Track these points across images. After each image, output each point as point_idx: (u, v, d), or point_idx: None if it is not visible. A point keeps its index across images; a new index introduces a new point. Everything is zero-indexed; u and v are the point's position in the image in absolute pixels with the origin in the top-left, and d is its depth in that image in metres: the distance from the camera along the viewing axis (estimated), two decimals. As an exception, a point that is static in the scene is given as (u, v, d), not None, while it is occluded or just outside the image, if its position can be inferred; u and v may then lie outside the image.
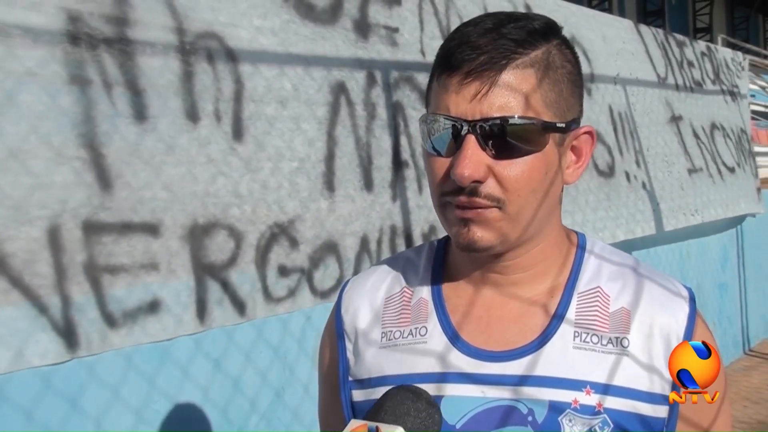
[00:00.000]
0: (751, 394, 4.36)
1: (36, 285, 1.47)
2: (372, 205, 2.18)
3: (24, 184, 1.46)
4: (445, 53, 0.72)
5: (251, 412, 2.00)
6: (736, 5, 21.55)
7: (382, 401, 0.72)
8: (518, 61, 0.69)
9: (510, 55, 0.68)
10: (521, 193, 0.70)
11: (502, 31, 0.69)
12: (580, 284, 0.77)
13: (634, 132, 3.59)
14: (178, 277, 1.71)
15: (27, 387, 1.51)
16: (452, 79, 0.69)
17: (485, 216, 0.70)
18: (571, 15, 3.38)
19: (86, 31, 1.59)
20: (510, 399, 0.72)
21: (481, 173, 0.68)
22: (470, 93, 0.68)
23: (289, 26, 2.03)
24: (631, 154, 3.51)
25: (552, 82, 0.71)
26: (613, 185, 3.32)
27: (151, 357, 1.74)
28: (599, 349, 0.73)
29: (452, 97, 0.69)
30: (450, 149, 0.71)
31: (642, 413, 0.72)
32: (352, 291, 0.86)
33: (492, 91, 0.68)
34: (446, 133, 0.70)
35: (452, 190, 0.71)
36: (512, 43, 0.69)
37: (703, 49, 4.74)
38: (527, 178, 0.70)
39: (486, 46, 0.68)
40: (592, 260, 0.80)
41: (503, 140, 0.68)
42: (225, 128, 1.83)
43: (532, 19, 0.72)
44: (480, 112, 0.68)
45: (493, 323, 0.77)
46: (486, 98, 0.68)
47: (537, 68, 0.70)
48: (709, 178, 4.14)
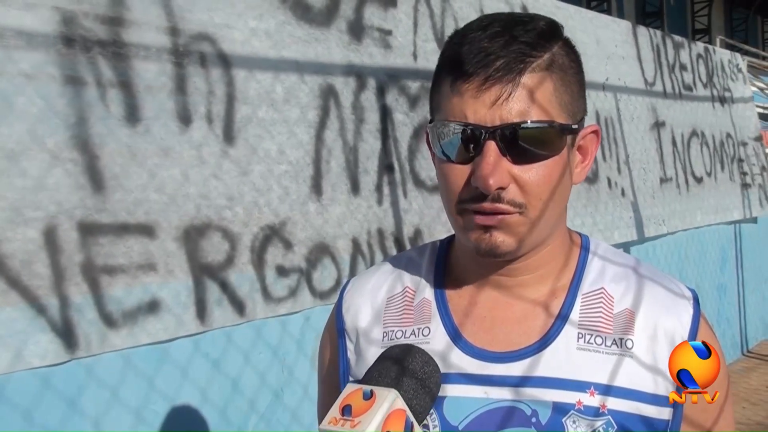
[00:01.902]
0: (750, 396, 4.35)
1: (34, 286, 1.47)
2: (359, 209, 2.18)
3: (18, 185, 1.46)
4: (456, 58, 0.70)
5: (250, 413, 2.00)
6: (735, 6, 21.56)
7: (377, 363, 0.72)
8: (534, 65, 0.68)
9: (526, 59, 0.68)
10: (542, 197, 0.70)
11: (513, 34, 0.68)
12: (584, 285, 0.77)
13: (621, 139, 3.59)
14: (177, 278, 1.71)
15: (26, 387, 1.51)
16: (469, 85, 0.68)
17: (508, 221, 0.70)
18: (569, 17, 3.38)
19: (80, 32, 1.59)
20: (513, 400, 0.72)
21: (505, 180, 0.68)
22: (490, 99, 0.67)
23: (284, 28, 2.04)
24: (613, 160, 3.49)
25: (564, 83, 0.71)
26: (595, 191, 3.31)
27: (150, 358, 1.74)
28: (603, 350, 0.72)
29: (469, 103, 0.68)
30: (461, 155, 0.70)
31: (646, 415, 0.71)
32: (353, 291, 0.86)
33: (512, 96, 0.67)
34: (456, 138, 0.69)
35: (472, 197, 0.70)
36: (526, 47, 0.68)
37: (700, 51, 4.72)
38: (548, 182, 0.70)
39: (500, 50, 0.67)
40: (595, 261, 0.79)
41: (523, 145, 0.67)
42: (217, 131, 1.84)
43: (537, 20, 0.72)
44: (500, 117, 0.67)
45: (497, 324, 0.76)
46: (506, 104, 0.67)
47: (551, 71, 0.69)
48: (676, 189, 4.10)
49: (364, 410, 0.66)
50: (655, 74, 4.05)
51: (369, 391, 0.67)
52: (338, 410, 0.67)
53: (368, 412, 0.65)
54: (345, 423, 0.65)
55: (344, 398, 0.68)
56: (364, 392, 0.67)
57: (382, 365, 0.72)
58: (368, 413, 0.65)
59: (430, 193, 2.42)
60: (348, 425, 0.65)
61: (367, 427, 0.64)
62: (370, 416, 0.65)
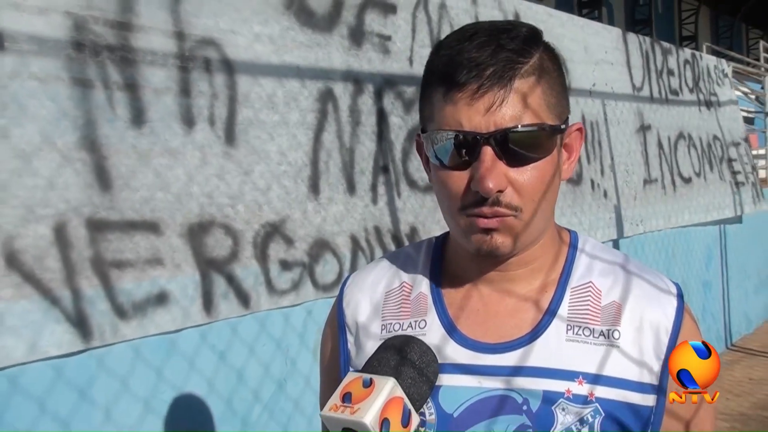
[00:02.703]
0: (734, 387, 4.38)
1: (47, 279, 1.48)
2: (355, 207, 2.19)
3: (29, 185, 1.47)
4: (446, 68, 0.70)
5: (254, 403, 2.01)
6: (721, 15, 21.64)
7: (377, 353, 0.73)
8: (522, 71, 0.69)
9: (515, 66, 0.69)
10: (535, 198, 0.71)
11: (499, 42, 0.69)
12: (573, 279, 0.78)
13: (606, 142, 3.59)
14: (183, 272, 1.73)
15: (40, 377, 1.52)
16: (462, 94, 0.68)
17: (506, 223, 0.71)
18: (561, 25, 3.40)
19: (90, 37, 1.59)
20: (505, 389, 0.73)
21: (502, 183, 0.69)
22: (483, 106, 0.68)
23: (287, 33, 2.05)
24: (597, 163, 3.50)
25: (549, 86, 0.72)
26: (580, 193, 3.32)
27: (159, 349, 1.75)
28: (591, 341, 0.74)
29: (464, 111, 0.69)
30: (458, 161, 0.70)
31: (631, 402, 0.73)
32: (353, 285, 0.87)
33: (504, 102, 0.68)
34: (450, 144, 0.70)
35: (473, 202, 0.70)
36: (513, 54, 0.69)
37: (687, 57, 4.74)
38: (540, 183, 0.71)
39: (489, 59, 0.68)
40: (584, 257, 0.81)
41: (517, 149, 0.69)
42: (220, 133, 1.85)
43: (519, 27, 0.72)
44: (494, 123, 0.68)
45: (490, 317, 0.77)
46: (500, 110, 0.68)
47: (537, 75, 0.70)
48: (662, 190, 4.10)
49: (364, 397, 0.66)
50: (643, 79, 4.06)
51: (368, 380, 0.68)
52: (339, 397, 0.68)
53: (367, 399, 0.66)
54: (345, 409, 0.66)
55: (345, 386, 0.69)
56: (364, 380, 0.68)
57: (381, 355, 0.72)
58: (367, 400, 0.66)
59: (422, 193, 2.44)
60: (348, 411, 0.66)
61: (366, 413, 0.65)
62: (368, 403, 0.66)
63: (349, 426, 0.65)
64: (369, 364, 0.72)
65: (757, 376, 4.68)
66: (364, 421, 0.64)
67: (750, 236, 5.72)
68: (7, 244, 1.43)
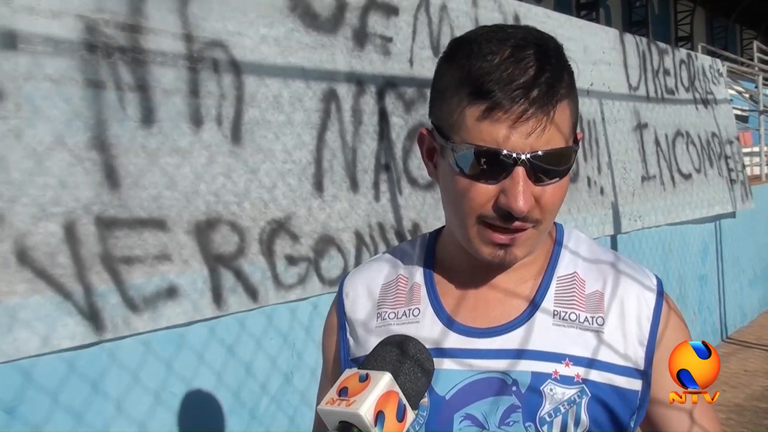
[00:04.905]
0: (729, 379, 4.35)
1: (58, 275, 1.47)
2: (359, 204, 2.18)
3: (41, 183, 1.46)
4: (486, 84, 0.67)
5: (262, 395, 2.00)
6: (716, 16, 21.48)
7: (375, 351, 0.72)
8: (559, 95, 0.68)
9: (556, 92, 0.67)
10: (554, 211, 0.72)
11: (539, 60, 0.67)
12: (559, 269, 0.79)
13: (603, 140, 3.57)
14: (192, 268, 1.72)
15: (52, 370, 1.51)
16: (507, 116, 0.66)
17: (523, 238, 0.71)
18: (560, 26, 3.37)
19: (103, 39, 1.58)
20: (496, 371, 0.74)
21: (532, 203, 0.69)
22: (526, 131, 0.66)
23: (292, 35, 2.03)
24: (594, 160, 3.48)
25: (574, 104, 0.72)
26: (576, 190, 3.30)
27: (169, 343, 1.74)
28: (577, 326, 0.75)
29: (504, 131, 0.66)
30: (485, 176, 0.68)
31: (617, 385, 0.74)
32: (352, 280, 0.87)
33: (545, 130, 0.67)
34: (469, 152, 0.68)
35: (498, 216, 0.69)
36: (552, 76, 0.67)
37: (683, 57, 4.70)
38: (561, 197, 0.72)
39: (533, 81, 0.66)
40: (570, 248, 0.82)
41: (548, 167, 0.68)
42: (226, 132, 1.83)
43: (548, 40, 0.71)
44: (530, 146, 0.67)
45: (480, 304, 0.78)
46: (542, 135, 0.67)
47: (570, 99, 0.70)
48: (660, 186, 4.06)
49: (359, 391, 0.66)
50: (640, 79, 4.03)
51: (365, 375, 0.68)
52: (336, 392, 0.67)
53: (363, 392, 0.65)
54: (341, 403, 0.65)
55: (342, 381, 0.69)
56: (360, 376, 0.68)
57: (379, 352, 0.72)
58: (362, 393, 0.65)
59: (423, 190, 2.42)
60: (343, 404, 0.65)
61: (361, 405, 0.64)
62: (364, 396, 0.65)
63: (345, 419, 0.65)
64: (367, 361, 0.72)
65: (751, 367, 4.65)
66: (359, 412, 0.63)
67: (744, 231, 5.68)
68: (20, 242, 1.42)
